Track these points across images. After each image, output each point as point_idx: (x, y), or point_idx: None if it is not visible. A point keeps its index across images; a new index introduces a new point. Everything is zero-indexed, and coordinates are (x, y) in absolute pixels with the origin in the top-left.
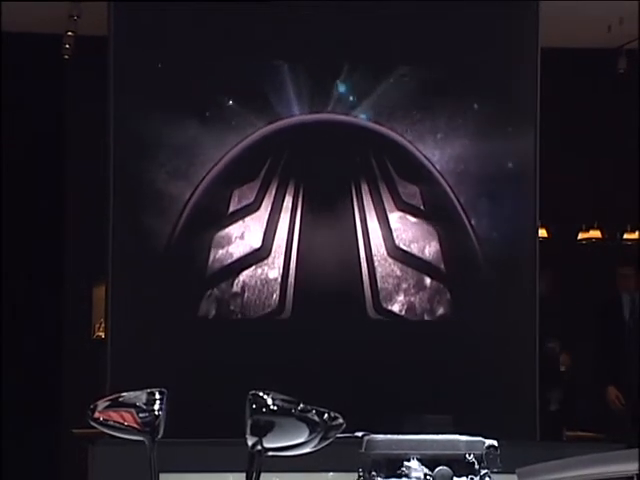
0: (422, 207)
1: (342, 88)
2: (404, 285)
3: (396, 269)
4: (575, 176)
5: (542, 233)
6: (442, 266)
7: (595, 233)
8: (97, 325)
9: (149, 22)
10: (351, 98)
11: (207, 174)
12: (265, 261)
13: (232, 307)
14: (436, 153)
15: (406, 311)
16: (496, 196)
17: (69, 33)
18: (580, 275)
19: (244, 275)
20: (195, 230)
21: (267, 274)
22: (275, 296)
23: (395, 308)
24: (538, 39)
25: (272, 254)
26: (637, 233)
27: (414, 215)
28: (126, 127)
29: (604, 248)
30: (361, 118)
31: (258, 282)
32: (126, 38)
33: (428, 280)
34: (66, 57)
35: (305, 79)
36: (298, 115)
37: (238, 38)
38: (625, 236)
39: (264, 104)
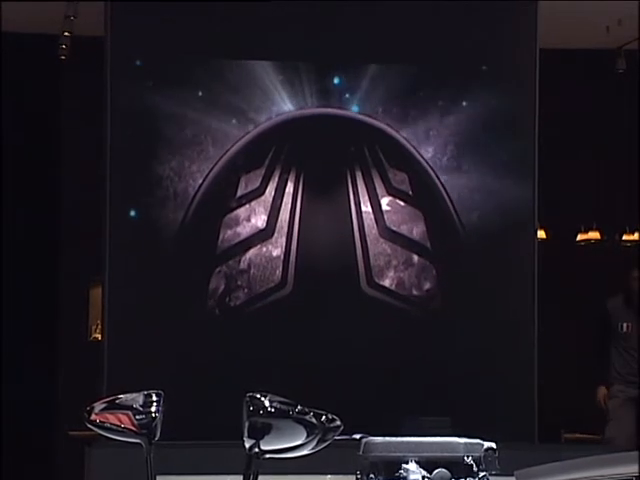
0: (410, 192)
1: (338, 85)
2: (394, 262)
3: (387, 248)
4: (574, 177)
5: (541, 234)
6: (428, 245)
7: (594, 234)
8: (94, 327)
9: (146, 22)
10: (347, 95)
11: (216, 163)
12: (269, 240)
13: (239, 282)
14: (429, 150)
15: (396, 286)
16: (490, 191)
17: (65, 33)
18: (579, 276)
19: (250, 253)
20: (206, 213)
21: (271, 252)
22: (278, 272)
23: (386, 283)
24: (537, 40)
25: (275, 234)
26: (636, 234)
27: (403, 199)
28: (124, 127)
29: (603, 249)
30: (355, 112)
31: (263, 259)
32: (123, 38)
33: (416, 258)
34: (62, 57)
35: (305, 76)
36: (299, 109)
37: (237, 37)
38: (624, 237)
39: (267, 99)
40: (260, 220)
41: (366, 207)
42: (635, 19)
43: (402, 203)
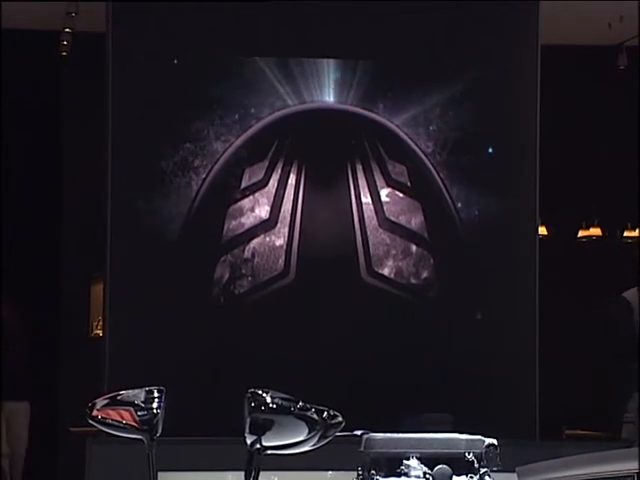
0: (409, 184)
1: (340, 80)
2: (393, 252)
3: (386, 238)
4: (575, 173)
5: (542, 231)
6: (426, 235)
7: (595, 231)
8: (95, 323)
9: (147, 18)
10: (348, 90)
11: (220, 157)
12: (272, 230)
13: (243, 271)
14: (430, 145)
15: (395, 274)
16: (490, 185)
17: (67, 30)
18: (580, 273)
19: (254, 243)
20: (211, 205)
21: (274, 242)
22: (281, 261)
23: (385, 272)
24: (538, 36)
25: (278, 224)
26: (637, 231)
27: (402, 191)
28: (125, 123)
29: (604, 246)
30: (356, 106)
31: (266, 249)
32: (124, 35)
33: (414, 247)
34: (64, 54)
35: (307, 72)
36: (300, 104)
37: (238, 34)
38: (625, 234)
39: (270, 94)
40: (263, 211)
41: (366, 198)
42: (636, 16)
43: (401, 194)
